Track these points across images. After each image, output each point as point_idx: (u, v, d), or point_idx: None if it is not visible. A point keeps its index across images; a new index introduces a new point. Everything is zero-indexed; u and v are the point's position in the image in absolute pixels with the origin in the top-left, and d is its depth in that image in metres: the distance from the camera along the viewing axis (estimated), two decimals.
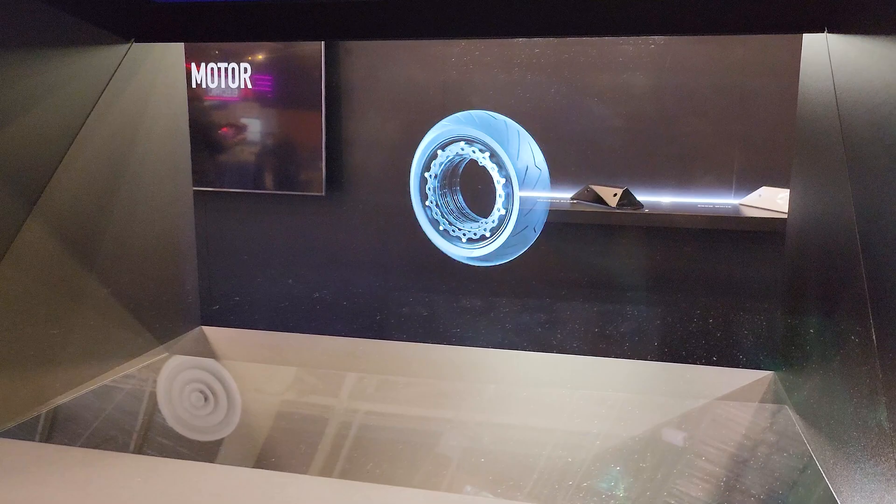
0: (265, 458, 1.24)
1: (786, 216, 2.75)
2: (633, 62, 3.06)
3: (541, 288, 3.17)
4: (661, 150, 3.09)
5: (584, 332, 3.14)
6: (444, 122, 2.51)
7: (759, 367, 1.62)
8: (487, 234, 2.54)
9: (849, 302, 1.10)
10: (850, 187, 1.12)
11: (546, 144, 2.48)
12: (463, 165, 2.65)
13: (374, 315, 3.43)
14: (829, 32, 1.28)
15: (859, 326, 1.03)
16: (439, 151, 2.52)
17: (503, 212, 2.50)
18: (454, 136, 2.46)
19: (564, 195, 3.14)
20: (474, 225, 2.57)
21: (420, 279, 3.31)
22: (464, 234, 2.58)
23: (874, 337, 1.00)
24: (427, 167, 2.55)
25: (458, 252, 2.57)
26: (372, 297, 3.44)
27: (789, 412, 1.40)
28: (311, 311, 3.50)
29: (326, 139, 3.40)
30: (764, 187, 2.97)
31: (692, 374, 1.62)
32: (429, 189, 2.56)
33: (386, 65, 3.38)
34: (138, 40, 1.55)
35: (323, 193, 3.44)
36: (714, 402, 1.48)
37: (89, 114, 1.46)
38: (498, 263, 2.57)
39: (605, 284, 3.15)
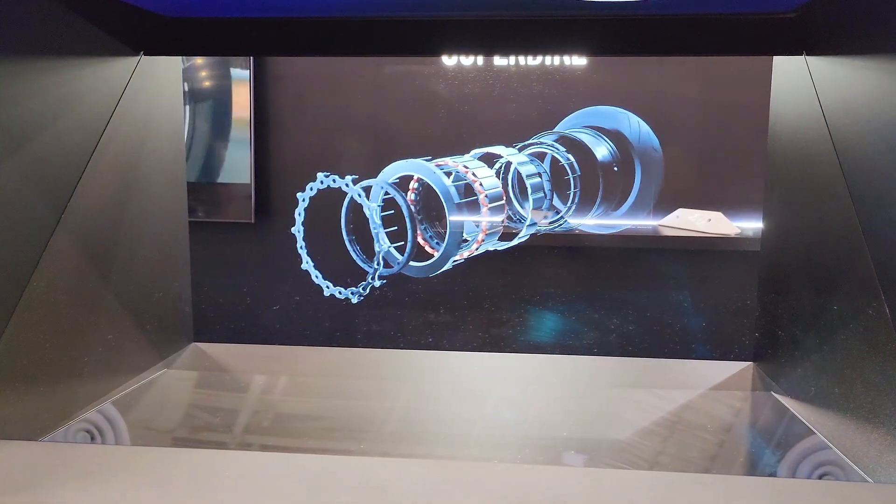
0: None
1: (702, 234, 3.00)
2: (555, 87, 3.25)
3: (492, 300, 3.27)
4: (583, 176, 3.29)
5: (539, 338, 3.26)
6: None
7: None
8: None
9: (855, 284, 1.26)
10: (846, 187, 1.29)
11: None
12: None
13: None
14: (807, 55, 1.45)
15: (875, 301, 1.19)
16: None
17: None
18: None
19: (498, 219, 3.27)
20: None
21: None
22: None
23: (887, 309, 1.17)
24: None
25: None
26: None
27: (776, 397, 1.55)
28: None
29: (255, 165, 3.38)
30: (680, 209, 3.21)
31: (677, 368, 1.75)
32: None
33: (316, 91, 3.41)
34: (147, 53, 1.55)
35: (252, 221, 3.42)
36: (708, 392, 1.61)
37: (105, 128, 1.44)
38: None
39: (545, 297, 3.29)
